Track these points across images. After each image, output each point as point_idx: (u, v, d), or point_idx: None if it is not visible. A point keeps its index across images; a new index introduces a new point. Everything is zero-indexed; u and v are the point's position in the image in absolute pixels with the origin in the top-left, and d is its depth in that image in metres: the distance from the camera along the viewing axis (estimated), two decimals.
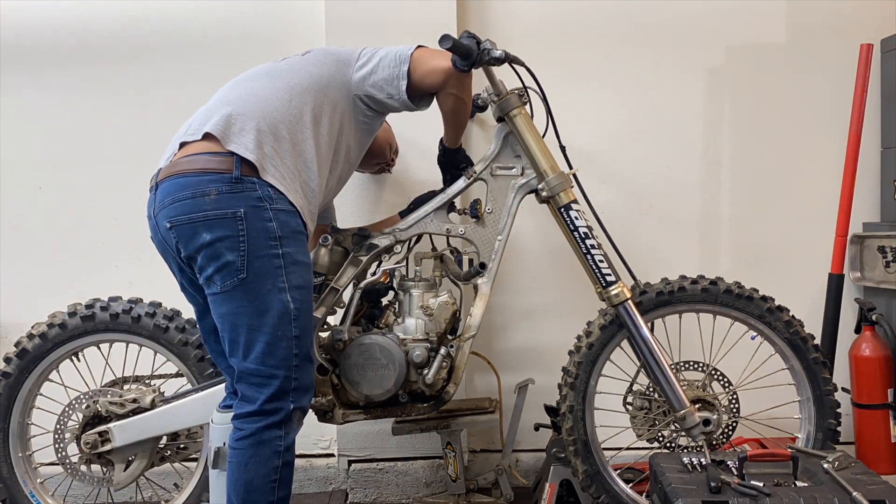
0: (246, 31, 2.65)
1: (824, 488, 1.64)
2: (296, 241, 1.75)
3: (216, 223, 1.67)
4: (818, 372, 2.10)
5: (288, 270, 1.72)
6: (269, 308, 1.69)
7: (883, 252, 2.54)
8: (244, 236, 1.68)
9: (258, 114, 1.76)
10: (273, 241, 1.70)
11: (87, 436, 2.06)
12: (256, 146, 1.72)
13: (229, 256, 1.67)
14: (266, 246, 1.69)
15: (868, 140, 2.59)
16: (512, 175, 2.11)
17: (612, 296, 2.04)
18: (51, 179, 2.67)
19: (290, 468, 1.74)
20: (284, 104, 1.80)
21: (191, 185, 1.70)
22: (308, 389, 1.77)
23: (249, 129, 1.73)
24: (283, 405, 1.71)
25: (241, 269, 1.68)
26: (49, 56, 2.63)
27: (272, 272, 1.70)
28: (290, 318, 1.71)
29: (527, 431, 2.45)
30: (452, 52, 1.93)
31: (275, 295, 1.70)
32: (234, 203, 1.68)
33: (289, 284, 1.71)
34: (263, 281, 1.69)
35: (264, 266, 1.69)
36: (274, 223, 1.70)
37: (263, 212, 1.70)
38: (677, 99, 2.68)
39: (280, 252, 1.71)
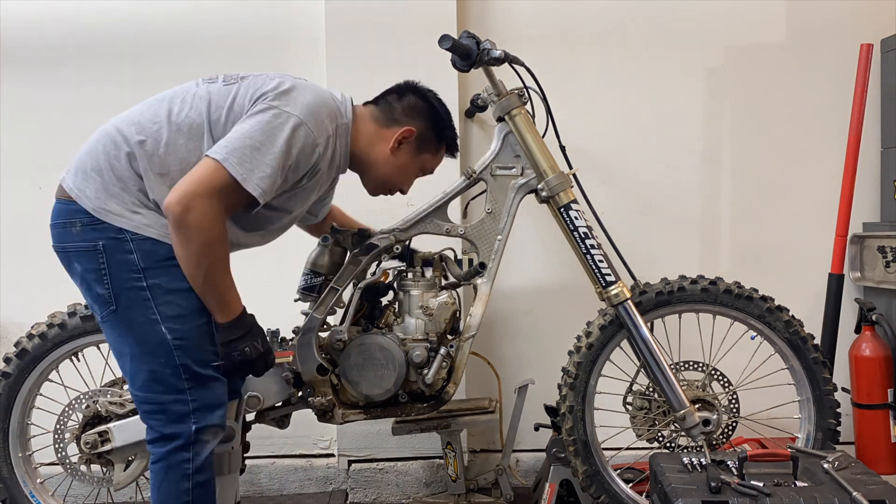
0: (246, 31, 2.65)
1: (824, 488, 1.64)
2: (165, 271, 1.67)
3: (82, 255, 1.68)
4: (818, 372, 2.10)
5: (157, 302, 1.67)
6: (147, 339, 1.67)
7: (883, 252, 2.54)
8: (105, 269, 1.66)
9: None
10: (136, 274, 1.66)
11: (87, 436, 2.05)
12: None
13: (98, 289, 1.68)
14: (129, 279, 1.67)
15: (868, 140, 2.59)
16: (512, 175, 2.11)
17: (611, 296, 2.04)
18: (51, 179, 2.64)
19: (204, 487, 1.73)
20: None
21: (63, 213, 1.72)
22: (215, 406, 1.73)
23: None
24: (183, 429, 1.68)
25: (111, 300, 1.67)
26: (49, 56, 2.64)
27: (140, 304, 1.66)
28: (169, 348, 1.67)
29: (527, 431, 2.45)
30: (452, 52, 1.94)
31: (149, 327, 1.67)
32: (94, 235, 1.67)
33: (162, 316, 1.67)
34: (134, 313, 1.67)
35: (131, 298, 1.67)
36: (135, 255, 1.66)
37: (123, 243, 1.66)
38: (677, 99, 2.68)
39: (145, 284, 1.67)
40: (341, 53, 2.53)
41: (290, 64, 2.64)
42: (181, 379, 1.68)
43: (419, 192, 2.45)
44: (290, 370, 2.08)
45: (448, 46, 1.91)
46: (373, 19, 2.51)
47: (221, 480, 1.99)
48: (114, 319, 1.69)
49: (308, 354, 2.05)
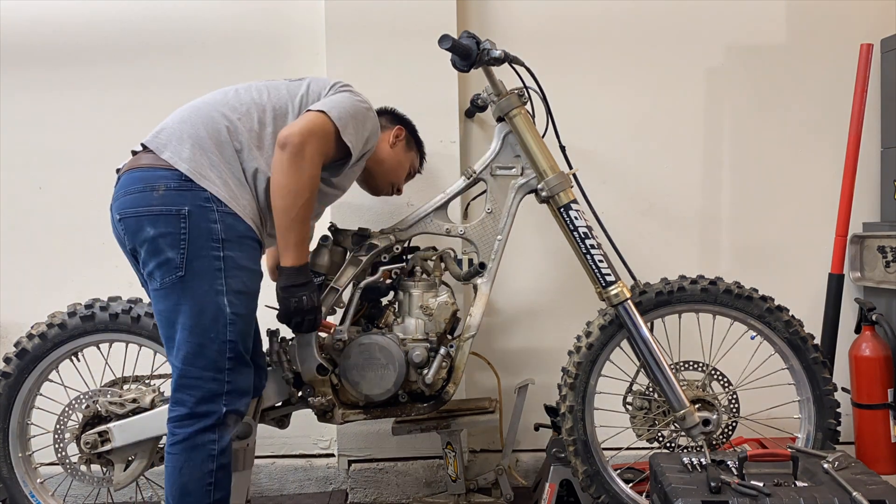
0: (246, 32, 2.65)
1: (824, 488, 1.64)
2: (241, 246, 1.75)
3: (160, 219, 1.70)
4: (818, 372, 2.10)
5: (228, 274, 1.72)
6: (205, 309, 1.70)
7: (883, 252, 2.54)
8: (185, 234, 1.69)
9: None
10: (215, 243, 1.71)
11: (87, 436, 2.05)
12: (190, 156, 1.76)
13: (170, 253, 1.69)
14: (207, 247, 1.70)
15: (868, 140, 2.59)
16: (512, 175, 2.11)
17: (611, 296, 2.04)
18: (51, 179, 2.67)
19: (225, 470, 1.74)
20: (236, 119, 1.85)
21: (142, 179, 1.74)
22: (244, 393, 1.77)
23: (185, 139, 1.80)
24: (215, 408, 1.71)
25: (180, 266, 1.69)
26: (49, 56, 2.63)
27: (211, 273, 1.70)
28: (226, 321, 1.71)
29: (527, 431, 2.45)
30: (452, 52, 1.94)
31: (212, 297, 1.70)
32: (180, 200, 1.70)
33: (227, 288, 1.71)
34: (201, 281, 1.70)
35: (204, 266, 1.70)
36: (219, 225, 1.72)
37: (209, 213, 1.71)
38: (677, 99, 2.68)
39: (221, 255, 1.71)
40: (341, 53, 2.53)
41: (290, 63, 2.64)
42: (225, 357, 1.71)
43: (419, 192, 2.47)
44: (291, 370, 2.08)
45: (448, 46, 1.91)
46: (373, 19, 2.51)
47: (235, 476, 1.99)
48: (175, 286, 1.70)
49: (308, 354, 2.05)
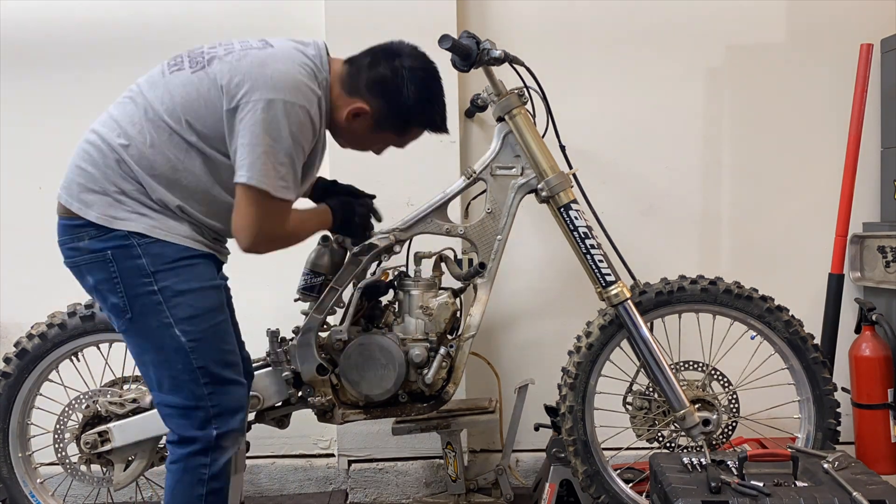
0: (246, 32, 2.61)
1: (824, 488, 1.64)
2: (175, 272, 1.67)
3: (93, 266, 1.67)
4: (818, 372, 2.10)
5: (169, 304, 1.65)
6: (163, 345, 1.66)
7: (883, 252, 2.54)
8: (117, 278, 1.65)
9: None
10: (146, 279, 1.65)
11: (87, 436, 2.06)
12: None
13: (113, 299, 1.67)
14: (140, 284, 1.65)
15: (868, 140, 2.58)
16: (511, 175, 2.11)
17: (611, 296, 2.04)
18: (51, 179, 2.65)
19: (217, 494, 1.71)
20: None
21: (68, 231, 1.70)
22: (236, 410, 1.72)
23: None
24: (205, 433, 1.67)
25: (126, 309, 1.66)
26: (49, 56, 2.63)
27: (153, 308, 1.65)
28: (185, 350, 1.66)
29: (527, 431, 2.45)
30: (452, 52, 1.94)
31: (164, 331, 1.66)
32: (101, 246, 1.66)
33: (174, 319, 1.65)
34: (149, 319, 1.66)
35: (145, 304, 1.65)
36: (143, 260, 1.65)
37: (131, 249, 1.65)
38: (677, 99, 2.68)
39: (156, 288, 1.65)
40: (341, 53, 2.51)
41: None
42: (200, 384, 1.67)
43: (419, 192, 2.46)
44: (290, 370, 2.08)
45: (448, 46, 1.91)
46: (373, 19, 2.51)
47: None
48: (131, 328, 1.68)
49: (308, 354, 2.05)
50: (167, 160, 1.66)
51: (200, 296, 1.69)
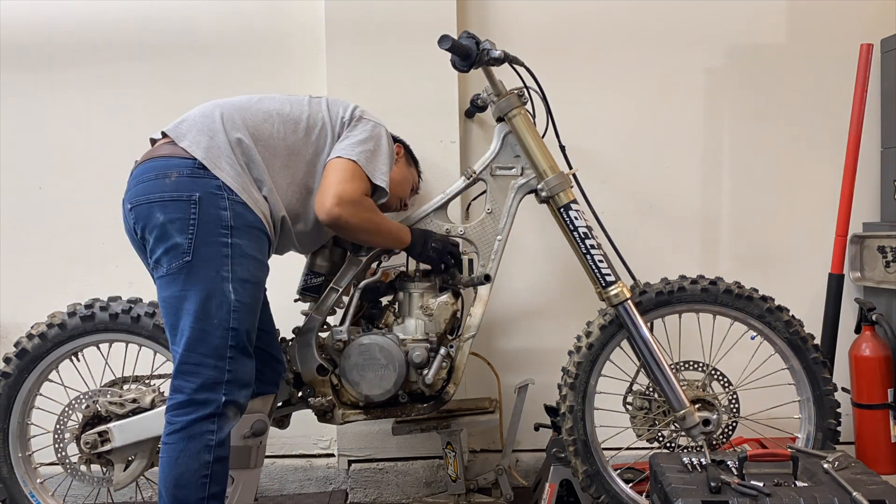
0: (246, 32, 2.65)
1: (824, 488, 1.64)
2: (249, 235, 1.76)
3: (170, 204, 1.71)
4: (818, 372, 2.10)
5: (235, 261, 1.72)
6: (210, 295, 1.69)
7: (883, 252, 2.54)
8: (195, 219, 1.70)
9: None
10: (224, 230, 1.72)
11: (87, 436, 2.05)
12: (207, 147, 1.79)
13: (178, 238, 1.70)
14: (216, 233, 1.71)
15: (868, 140, 2.58)
16: (511, 175, 2.11)
17: (611, 296, 2.04)
18: (51, 179, 2.67)
19: (222, 464, 1.71)
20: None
21: (155, 168, 1.75)
22: (244, 385, 1.75)
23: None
24: (215, 396, 1.69)
25: (188, 251, 1.69)
26: (49, 56, 2.63)
27: (218, 259, 1.71)
28: (230, 307, 1.70)
29: (527, 431, 2.45)
30: (452, 52, 1.94)
31: (217, 283, 1.70)
32: (191, 186, 1.72)
33: (233, 275, 1.71)
34: (208, 267, 1.70)
35: (211, 252, 1.70)
36: (228, 212, 1.73)
37: (220, 199, 1.73)
38: (677, 99, 2.68)
39: (230, 241, 1.72)
40: (341, 53, 2.53)
41: (290, 63, 2.65)
42: (226, 344, 1.70)
43: (419, 192, 2.46)
44: (291, 371, 2.08)
45: (448, 47, 1.91)
46: (373, 19, 2.51)
47: (246, 474, 1.99)
48: (181, 272, 1.70)
49: (308, 355, 2.05)
50: (286, 149, 1.88)
51: (259, 266, 1.80)
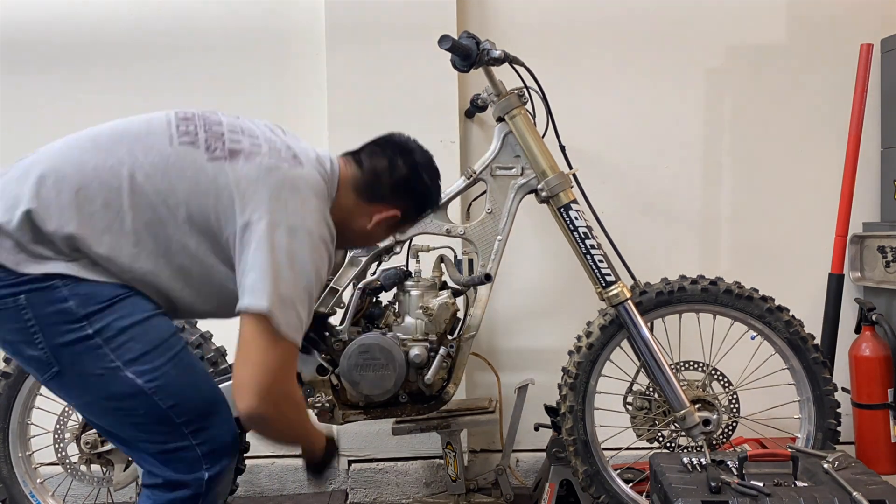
0: (246, 32, 2.65)
1: (824, 488, 1.64)
2: (113, 309, 1.37)
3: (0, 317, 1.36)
4: (818, 372, 2.10)
5: (113, 346, 1.36)
6: (112, 393, 1.37)
7: (883, 252, 2.54)
8: (35, 326, 1.34)
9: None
10: (75, 324, 1.34)
11: (87, 436, 2.06)
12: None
13: (30, 351, 1.36)
14: (67, 331, 1.34)
15: (868, 140, 2.58)
16: (511, 175, 2.11)
17: (611, 296, 2.04)
18: None
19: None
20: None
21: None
22: (228, 445, 1.45)
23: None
24: (195, 476, 1.41)
25: (51, 362, 1.36)
26: (49, 56, 2.63)
27: (91, 354, 1.35)
28: (146, 395, 1.36)
29: (527, 431, 2.45)
30: (452, 52, 1.94)
31: (111, 376, 1.36)
32: (10, 291, 1.33)
33: (122, 361, 1.36)
34: (86, 368, 1.36)
35: (77, 352, 1.35)
36: (71, 302, 1.34)
37: (53, 291, 1.34)
38: (677, 99, 2.68)
39: (90, 332, 1.35)
40: (341, 53, 2.53)
41: (290, 63, 2.64)
42: (177, 424, 1.39)
43: None
44: None
45: (448, 47, 1.91)
46: (373, 19, 2.51)
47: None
48: (63, 382, 1.39)
49: (308, 355, 2.05)
50: (152, 238, 1.41)
51: (149, 325, 1.40)
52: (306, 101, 2.64)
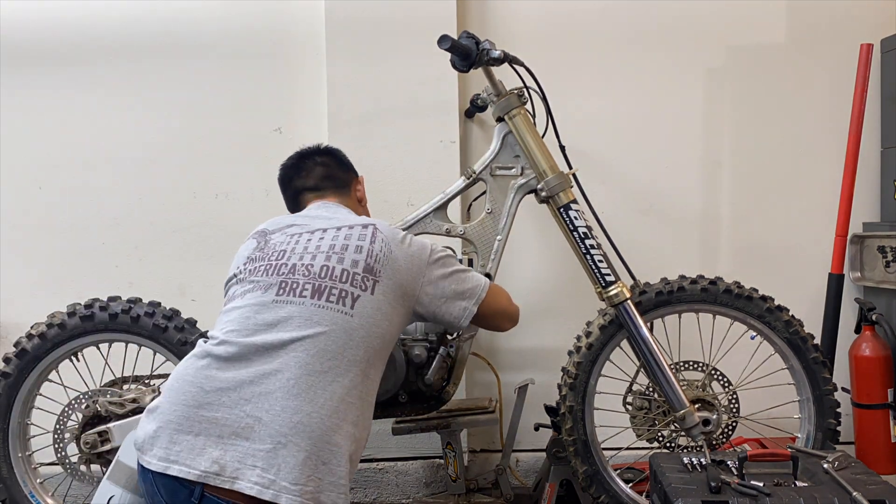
0: (245, 31, 2.65)
1: (824, 488, 1.64)
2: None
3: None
4: (818, 372, 2.10)
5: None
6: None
7: (883, 252, 2.54)
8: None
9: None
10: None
11: (87, 436, 2.06)
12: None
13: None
14: None
15: (868, 140, 2.58)
16: (511, 175, 2.11)
17: (611, 296, 2.04)
18: (51, 179, 2.67)
19: None
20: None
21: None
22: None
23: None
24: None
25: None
26: (49, 56, 2.63)
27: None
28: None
29: (527, 431, 2.45)
30: (451, 52, 1.94)
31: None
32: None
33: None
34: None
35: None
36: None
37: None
38: (677, 99, 2.68)
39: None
40: (341, 53, 2.53)
41: (290, 63, 2.65)
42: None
43: (419, 193, 2.47)
44: None
45: (447, 47, 1.91)
46: (373, 19, 2.51)
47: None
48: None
49: None
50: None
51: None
52: (306, 101, 2.64)
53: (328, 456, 1.42)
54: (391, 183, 2.55)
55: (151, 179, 2.65)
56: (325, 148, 2.05)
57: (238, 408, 1.42)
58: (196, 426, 1.42)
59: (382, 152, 2.54)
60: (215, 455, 1.39)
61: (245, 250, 1.75)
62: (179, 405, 1.45)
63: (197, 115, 2.66)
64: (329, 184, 1.96)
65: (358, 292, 1.57)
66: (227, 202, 2.67)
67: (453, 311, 1.74)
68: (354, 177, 2.05)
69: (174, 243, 2.66)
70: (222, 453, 1.39)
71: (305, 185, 1.96)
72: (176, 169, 2.65)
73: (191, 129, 2.66)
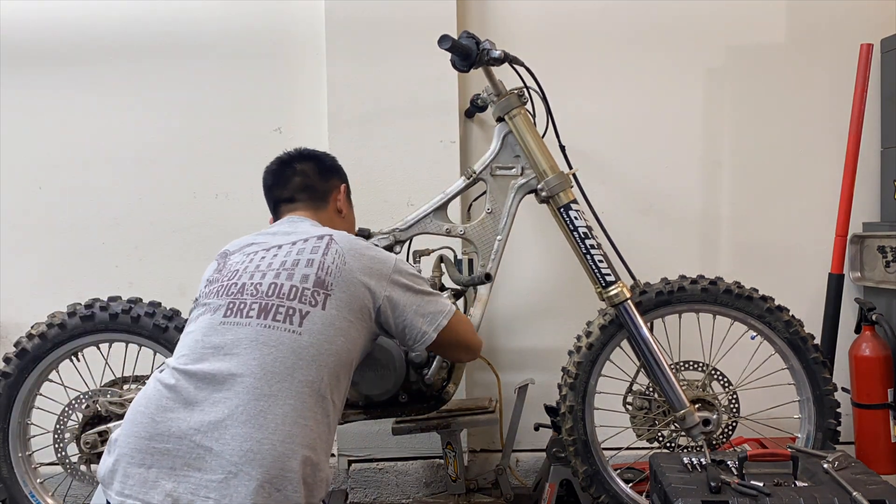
0: (245, 31, 2.65)
1: (824, 488, 1.64)
2: None
3: None
4: (818, 372, 2.10)
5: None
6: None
7: (883, 252, 2.54)
8: None
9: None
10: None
11: (87, 436, 2.06)
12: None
13: None
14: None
15: (868, 140, 2.58)
16: (511, 175, 2.11)
17: (611, 296, 2.04)
18: (51, 179, 2.67)
19: None
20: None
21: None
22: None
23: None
24: None
25: None
26: (49, 56, 2.64)
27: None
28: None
29: (527, 431, 2.45)
30: (452, 52, 1.94)
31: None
32: None
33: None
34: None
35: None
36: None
37: None
38: (677, 99, 2.68)
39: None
40: (341, 53, 2.53)
41: (290, 63, 2.65)
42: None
43: (419, 193, 2.47)
44: None
45: (448, 47, 1.91)
46: (373, 19, 2.51)
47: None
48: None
49: None
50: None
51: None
52: (306, 101, 2.64)
53: (281, 483, 1.38)
54: (391, 183, 2.55)
55: (151, 179, 2.66)
56: (307, 153, 1.95)
57: (188, 438, 1.40)
58: (148, 458, 1.40)
59: (382, 152, 2.54)
60: (168, 488, 1.37)
61: (207, 272, 1.73)
62: (132, 437, 1.43)
63: (197, 115, 2.66)
64: (303, 196, 1.88)
65: (307, 308, 1.52)
66: (227, 202, 2.67)
67: (410, 332, 1.67)
68: (338, 184, 1.95)
69: (174, 243, 2.66)
70: (175, 485, 1.37)
71: (282, 197, 1.89)
72: (176, 169, 2.65)
73: (191, 129, 2.66)
